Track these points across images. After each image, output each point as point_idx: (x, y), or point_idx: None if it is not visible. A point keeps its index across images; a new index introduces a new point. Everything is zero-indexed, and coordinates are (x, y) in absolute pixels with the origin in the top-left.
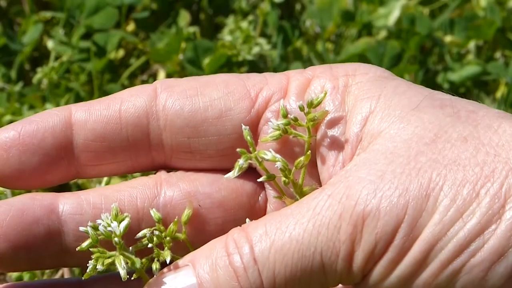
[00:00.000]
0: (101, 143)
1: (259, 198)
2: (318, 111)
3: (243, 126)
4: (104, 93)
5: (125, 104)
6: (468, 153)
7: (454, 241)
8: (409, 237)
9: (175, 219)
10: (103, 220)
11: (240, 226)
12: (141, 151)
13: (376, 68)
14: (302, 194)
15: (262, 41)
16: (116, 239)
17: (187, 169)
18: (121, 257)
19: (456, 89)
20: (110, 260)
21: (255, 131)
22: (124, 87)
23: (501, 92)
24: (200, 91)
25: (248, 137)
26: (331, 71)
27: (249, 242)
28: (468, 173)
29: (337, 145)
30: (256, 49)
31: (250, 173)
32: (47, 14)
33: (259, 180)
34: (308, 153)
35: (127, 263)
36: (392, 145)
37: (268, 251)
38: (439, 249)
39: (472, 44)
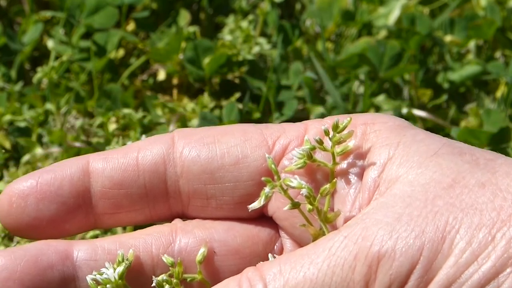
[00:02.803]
0: (118, 191)
1: (275, 247)
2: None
3: (267, 155)
4: (104, 92)
5: (142, 152)
6: (485, 198)
7: (468, 284)
8: (424, 279)
9: (179, 261)
10: (107, 268)
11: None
12: (159, 199)
13: (396, 118)
14: (327, 221)
15: (262, 40)
16: (108, 286)
17: (204, 218)
18: None
19: (456, 89)
20: None
21: (272, 178)
22: (124, 86)
23: (501, 91)
24: (217, 138)
25: (273, 166)
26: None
27: (263, 281)
28: (485, 217)
29: (354, 191)
30: (256, 49)
31: (266, 221)
32: (47, 14)
33: (284, 208)
34: (334, 180)
35: None
36: (410, 189)
37: None
38: None
39: (472, 44)
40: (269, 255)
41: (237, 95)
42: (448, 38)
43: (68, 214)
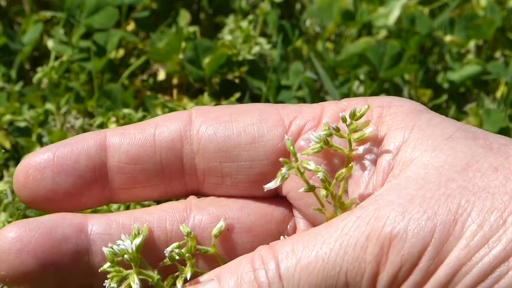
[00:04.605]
0: (134, 166)
1: (288, 226)
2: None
3: (286, 136)
4: (104, 92)
5: (159, 128)
6: (498, 182)
7: (479, 267)
8: (435, 261)
9: (192, 235)
10: (122, 240)
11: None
12: (174, 175)
13: (411, 102)
14: (342, 207)
15: (262, 40)
16: (126, 256)
17: (218, 196)
18: (135, 274)
19: (456, 89)
20: (127, 279)
21: (288, 159)
22: (124, 86)
23: (501, 91)
24: (234, 117)
25: (291, 147)
26: (366, 102)
27: (275, 259)
28: (497, 201)
29: (368, 172)
30: (256, 49)
31: (280, 200)
32: (47, 14)
33: (300, 190)
34: (350, 165)
35: (148, 280)
36: (423, 171)
37: (293, 268)
38: (464, 274)
39: (472, 44)
40: (281, 237)
41: (237, 95)
42: (448, 38)
43: (84, 187)
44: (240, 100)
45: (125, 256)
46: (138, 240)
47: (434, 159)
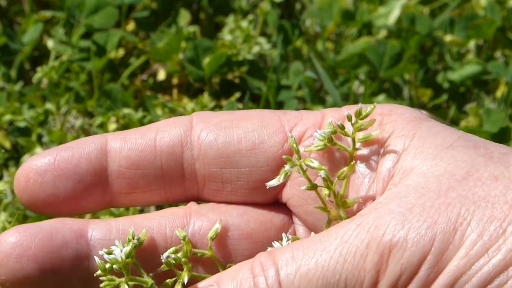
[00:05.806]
0: (135, 171)
1: (288, 233)
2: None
3: (289, 134)
4: (104, 92)
5: (160, 134)
6: (498, 191)
7: (478, 276)
8: (434, 270)
9: (186, 239)
10: (116, 246)
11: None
12: (175, 180)
13: (412, 110)
14: (344, 206)
15: (262, 40)
16: (115, 266)
17: (218, 202)
18: (125, 283)
19: (456, 89)
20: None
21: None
22: (124, 86)
23: (501, 91)
24: (235, 123)
25: (294, 145)
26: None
27: (275, 266)
28: (497, 210)
29: (368, 180)
30: (256, 49)
31: (280, 207)
32: (47, 14)
33: (302, 188)
34: (352, 163)
35: (143, 286)
36: (423, 180)
37: (293, 275)
38: (463, 283)
39: (472, 44)
40: (283, 234)
41: (237, 95)
42: (448, 38)
43: (84, 191)
44: (240, 100)
45: (114, 266)
46: (127, 248)
47: (434, 167)
